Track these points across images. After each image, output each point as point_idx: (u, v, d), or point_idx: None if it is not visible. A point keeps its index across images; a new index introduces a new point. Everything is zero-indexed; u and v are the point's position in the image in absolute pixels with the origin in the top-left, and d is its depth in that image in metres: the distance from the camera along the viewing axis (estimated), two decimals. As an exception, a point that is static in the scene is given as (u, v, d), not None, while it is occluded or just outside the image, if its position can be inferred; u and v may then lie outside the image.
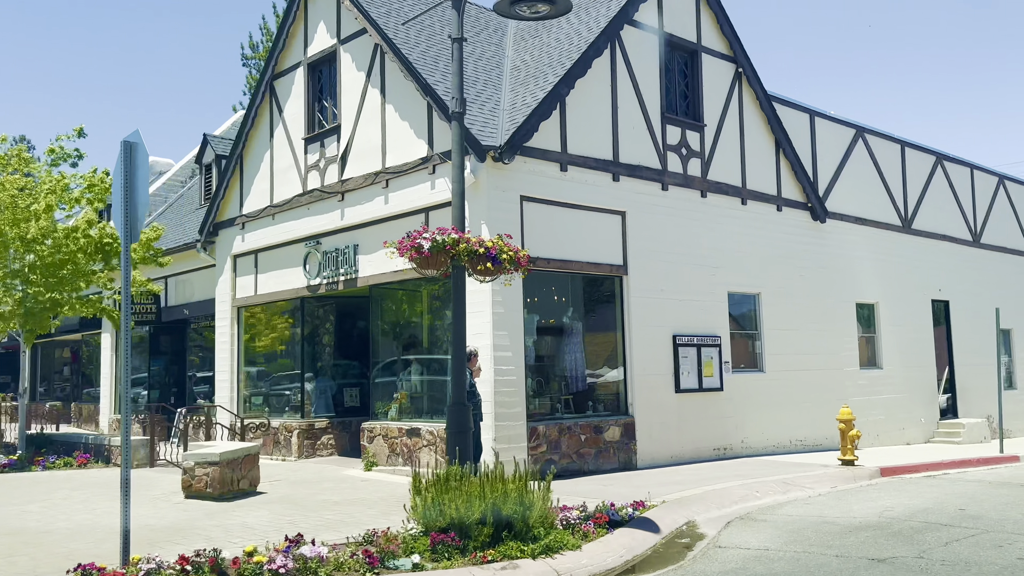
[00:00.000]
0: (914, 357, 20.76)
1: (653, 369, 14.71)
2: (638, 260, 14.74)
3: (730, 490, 11.50)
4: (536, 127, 13.18)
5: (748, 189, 16.99)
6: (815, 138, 18.80)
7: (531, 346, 13.74)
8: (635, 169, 14.85)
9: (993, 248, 24.38)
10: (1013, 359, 24.78)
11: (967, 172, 23.78)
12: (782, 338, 17.28)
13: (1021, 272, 25.46)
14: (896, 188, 21.04)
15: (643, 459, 14.33)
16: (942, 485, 12.54)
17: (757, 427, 16.43)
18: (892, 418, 19.74)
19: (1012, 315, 24.62)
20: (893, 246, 20.63)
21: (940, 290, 21.99)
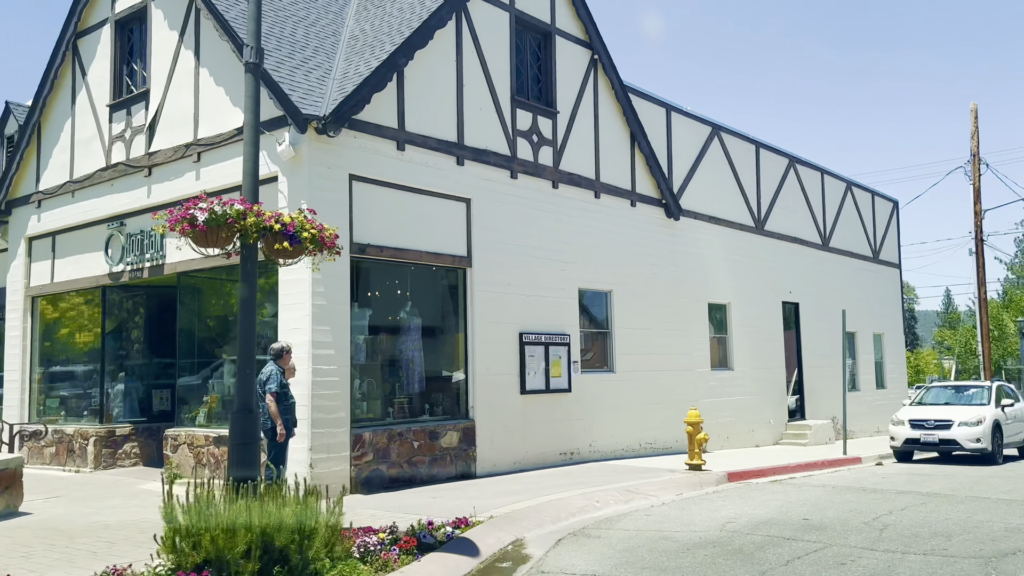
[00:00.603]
0: (765, 358, 20.73)
1: (497, 369, 13.66)
2: (484, 252, 13.65)
3: (569, 501, 10.56)
4: (368, 99, 11.84)
5: (602, 182, 16.26)
6: (671, 134, 18.35)
7: (362, 344, 12.37)
8: (482, 154, 13.76)
9: (841, 252, 24.90)
10: (857, 362, 25.41)
11: (818, 176, 24.17)
12: (634, 337, 16.65)
13: (865, 277, 26.20)
14: (750, 189, 20.98)
15: (483, 466, 13.23)
16: (787, 491, 12.07)
17: (607, 430, 15.69)
18: (742, 420, 19.57)
19: (856, 319, 25.25)
20: (746, 247, 20.53)
21: (791, 292, 22.13)
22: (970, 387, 18.58)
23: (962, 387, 18.79)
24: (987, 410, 17.02)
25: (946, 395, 18.60)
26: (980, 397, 17.86)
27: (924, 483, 13.13)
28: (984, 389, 18.13)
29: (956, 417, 16.77)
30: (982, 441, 16.44)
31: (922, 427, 17.03)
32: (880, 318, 26.93)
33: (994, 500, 11.01)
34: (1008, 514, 9.71)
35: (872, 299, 26.47)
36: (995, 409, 17.23)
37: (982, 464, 16.54)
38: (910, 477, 14.12)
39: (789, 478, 14.04)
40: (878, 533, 8.50)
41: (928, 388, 19.28)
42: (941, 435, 16.71)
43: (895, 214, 28.80)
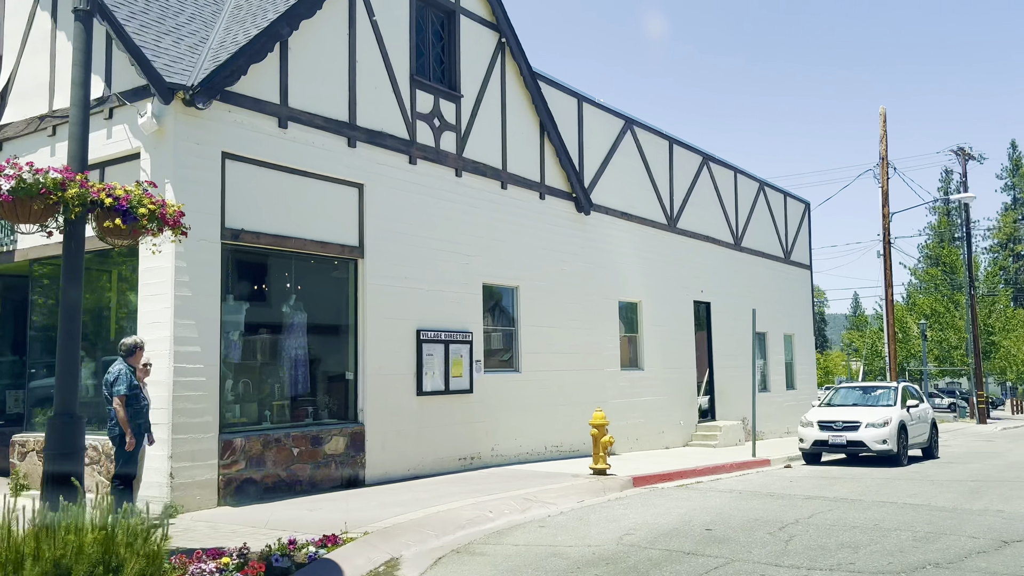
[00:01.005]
0: (676, 358, 20.33)
1: (392, 369, 12.69)
2: (378, 242, 12.67)
3: (459, 511, 9.70)
4: (244, 69, 10.73)
5: (509, 172, 15.47)
6: (582, 125, 17.70)
7: (237, 341, 11.25)
8: (376, 136, 12.78)
9: (753, 252, 24.79)
10: (768, 362, 25.36)
11: (731, 175, 23.97)
12: (541, 336, 15.91)
13: (777, 277, 26.19)
14: (663, 185, 20.54)
15: (373, 474, 12.25)
16: (692, 498, 11.49)
17: (510, 433, 14.90)
18: (652, 421, 19.09)
19: (768, 319, 25.18)
20: (658, 244, 20.09)
21: (702, 291, 21.82)
22: (877, 388, 18.53)
23: (870, 388, 18.74)
24: (893, 411, 16.93)
25: (854, 396, 18.50)
26: (887, 398, 17.80)
27: (832, 487, 12.77)
28: (891, 390, 18.09)
29: (863, 419, 16.61)
30: (888, 443, 16.31)
31: (830, 429, 16.82)
32: (791, 319, 27.00)
33: (900, 505, 10.65)
34: (915, 521, 9.30)
35: (783, 300, 26.50)
36: (901, 410, 17.16)
37: (888, 465, 16.41)
38: (818, 481, 13.78)
39: (696, 482, 13.51)
40: (783, 545, 7.92)
41: (836, 389, 19.18)
42: (849, 437, 16.52)
43: (806, 215, 28.98)
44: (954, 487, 12.76)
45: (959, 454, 20.03)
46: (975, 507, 10.46)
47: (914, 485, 13.07)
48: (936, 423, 19.24)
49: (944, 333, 51.61)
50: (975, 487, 12.76)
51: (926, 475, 14.72)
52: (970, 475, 14.73)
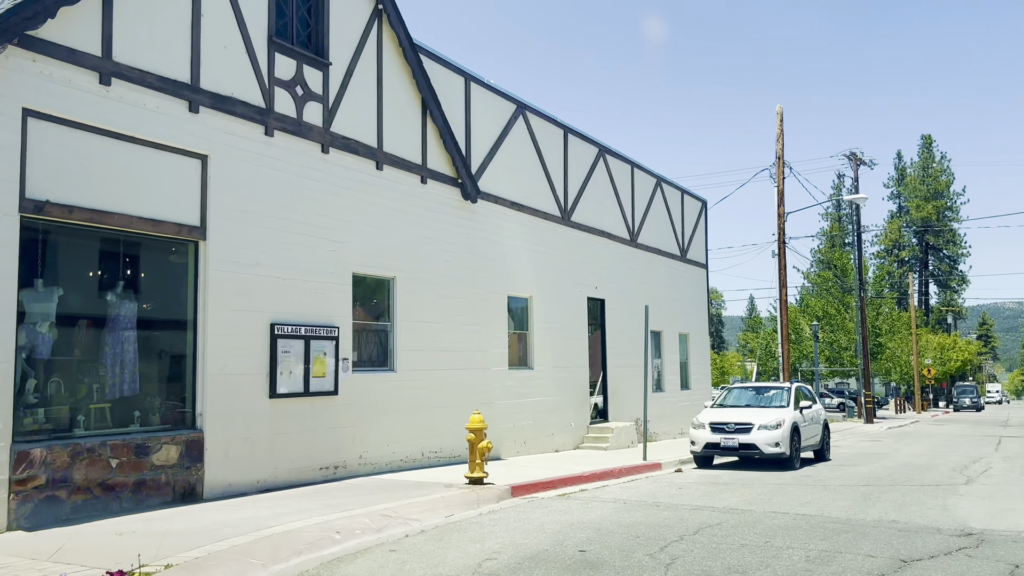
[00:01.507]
0: (568, 357, 19.38)
1: (239, 367, 11.16)
2: (225, 222, 11.12)
3: (299, 533, 8.32)
4: (53, 11, 9.04)
5: (386, 152, 14.11)
6: (470, 107, 16.49)
7: (46, 333, 9.52)
8: (225, 101, 11.22)
9: (649, 249, 24.15)
10: (662, 361, 24.79)
11: (628, 169, 23.25)
12: (421, 332, 14.62)
13: (673, 275, 25.67)
14: (557, 176, 19.56)
15: (214, 487, 10.71)
16: (572, 510, 10.43)
17: (383, 438, 13.56)
18: (541, 423, 18.06)
19: (663, 318, 24.62)
20: (551, 237, 19.09)
21: (597, 288, 20.97)
22: (770, 388, 18.03)
23: (763, 388, 18.23)
24: (786, 413, 16.40)
25: (747, 396, 17.94)
26: (780, 399, 17.29)
27: (722, 495, 11.96)
28: (783, 391, 17.59)
29: (756, 420, 16.00)
30: (781, 445, 15.74)
31: (722, 431, 16.14)
32: (687, 318, 26.56)
33: (793, 517, 9.86)
34: (809, 537, 8.46)
35: (679, 298, 26.02)
36: (794, 412, 16.66)
37: (781, 469, 15.86)
38: (708, 488, 12.97)
39: (580, 490, 12.49)
40: (663, 571, 6.89)
41: (729, 390, 18.61)
42: (741, 439, 15.88)
43: (703, 214, 28.65)
44: (847, 493, 12.15)
45: (849, 455, 19.81)
46: (869, 517, 9.76)
47: (807, 491, 12.41)
48: (828, 424, 18.93)
49: (835, 335, 52.92)
50: (867, 492, 12.18)
51: (819, 479, 14.16)
52: (862, 478, 14.25)
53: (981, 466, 16.89)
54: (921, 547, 7.92)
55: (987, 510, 10.41)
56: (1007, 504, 10.98)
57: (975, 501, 11.27)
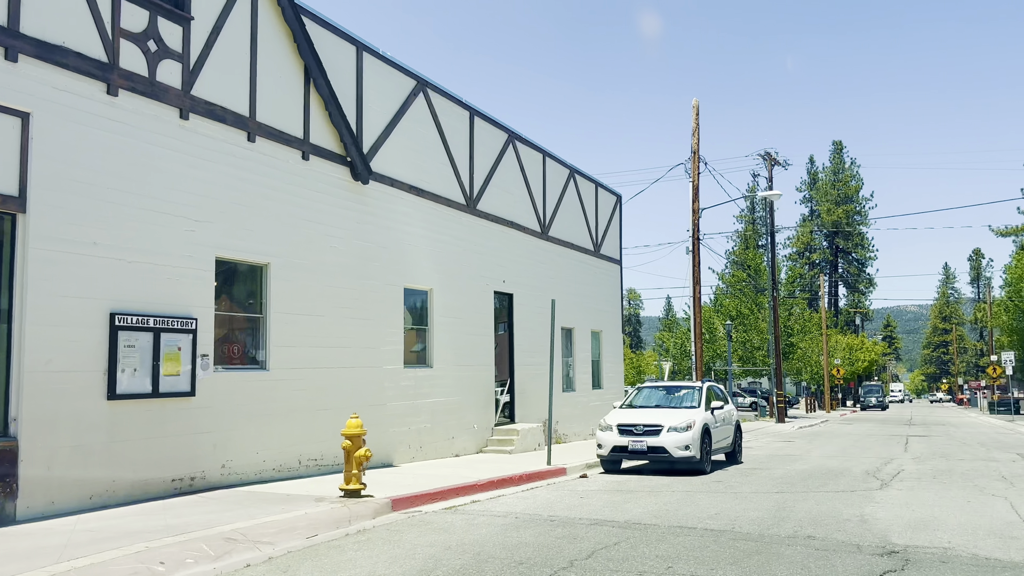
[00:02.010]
0: (472, 354, 18.11)
1: (68, 363, 9.50)
2: (52, 193, 9.43)
3: (109, 566, 6.80)
4: None
5: (260, 122, 12.56)
6: (362, 79, 15.04)
7: None
8: (54, 51, 9.53)
9: (561, 243, 23.10)
10: (574, 360, 23.79)
11: (540, 158, 22.13)
12: (300, 325, 13.12)
13: (586, 271, 24.71)
14: (462, 161, 18.27)
15: (34, 506, 9.02)
16: (455, 527, 9.15)
17: (251, 445, 12.01)
18: (440, 426, 16.75)
19: (575, 314, 23.62)
20: (455, 226, 17.79)
21: (504, 282, 19.77)
22: (681, 388, 17.14)
23: (674, 388, 17.33)
24: (697, 413, 15.51)
25: (657, 396, 17.01)
26: (691, 399, 16.41)
27: (626, 505, 10.88)
28: (695, 390, 16.72)
29: (666, 422, 15.06)
30: (691, 448, 14.82)
31: (630, 433, 15.14)
32: (599, 315, 25.65)
33: (701, 532, 8.81)
34: (716, 561, 7.39)
35: (592, 294, 25.08)
36: (705, 412, 15.79)
37: (691, 473, 14.96)
38: (612, 496, 11.89)
39: (471, 501, 11.23)
40: (541, 612, 5.67)
41: (640, 389, 17.65)
42: (650, 442, 14.91)
43: (618, 208, 27.81)
44: (759, 502, 11.24)
45: (762, 457, 19.15)
46: (783, 532, 8.80)
47: (717, 500, 11.45)
48: (740, 425, 18.20)
49: (748, 334, 53.26)
50: (781, 501, 11.30)
51: (730, 485, 13.27)
52: (775, 483, 13.43)
53: (893, 468, 16.39)
54: (842, 571, 6.94)
55: (907, 521, 9.60)
56: (926, 513, 10.22)
57: (893, 510, 10.49)
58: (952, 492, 12.44)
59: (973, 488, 12.94)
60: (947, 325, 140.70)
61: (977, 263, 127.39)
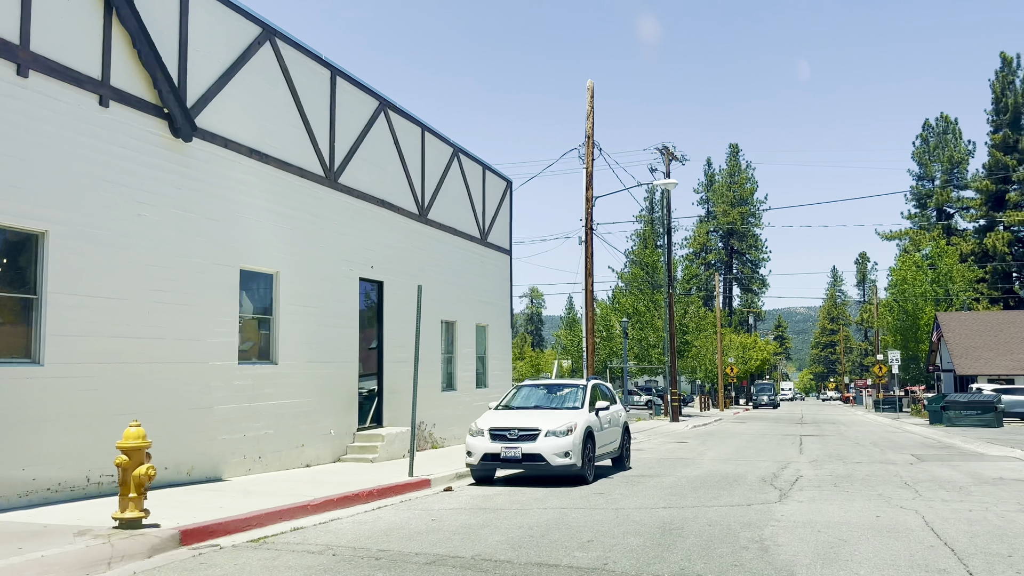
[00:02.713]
0: (331, 349, 15.82)
1: None
2: None
3: None
4: None
5: (35, 53, 9.98)
6: (187, 17, 12.51)
7: None
8: None
9: (442, 227, 21.02)
10: (456, 355, 21.76)
11: (418, 132, 19.98)
12: (93, 310, 10.59)
13: (470, 260, 22.72)
14: (320, 127, 15.94)
15: None
16: (250, 570, 6.94)
17: (14, 460, 9.44)
18: (287, 432, 14.40)
19: (457, 306, 21.61)
20: (311, 201, 15.46)
21: (373, 268, 17.54)
22: (564, 387, 15.31)
23: (555, 387, 15.47)
24: (579, 415, 13.72)
25: (537, 396, 15.13)
26: (574, 399, 14.61)
27: (483, 531, 8.88)
28: (578, 389, 14.93)
29: (544, 425, 13.19)
30: (571, 455, 13.00)
31: (504, 439, 13.20)
32: (486, 307, 23.71)
33: (564, 570, 6.89)
34: (575, 620, 5.46)
35: (477, 285, 23.12)
36: (589, 414, 14.02)
37: (572, 484, 13.15)
38: (471, 517, 9.89)
39: (293, 529, 9.01)
40: None
41: (518, 388, 15.73)
42: (525, 448, 13.00)
43: (508, 194, 25.94)
44: (643, 522, 9.46)
45: (652, 461, 17.59)
46: (667, 571, 6.97)
47: (595, 519, 9.61)
48: (628, 427, 16.54)
49: (644, 332, 52.49)
50: (668, 521, 9.56)
51: (613, 498, 11.48)
52: (663, 496, 11.73)
53: (791, 474, 15.04)
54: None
55: (814, 547, 7.95)
56: (833, 536, 8.64)
57: (796, 531, 8.87)
58: (857, 504, 11.02)
59: (879, 499, 11.58)
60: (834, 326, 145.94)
61: (863, 266, 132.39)
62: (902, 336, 62.57)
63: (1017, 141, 74.34)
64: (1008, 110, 74.81)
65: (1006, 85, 75.65)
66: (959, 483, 13.66)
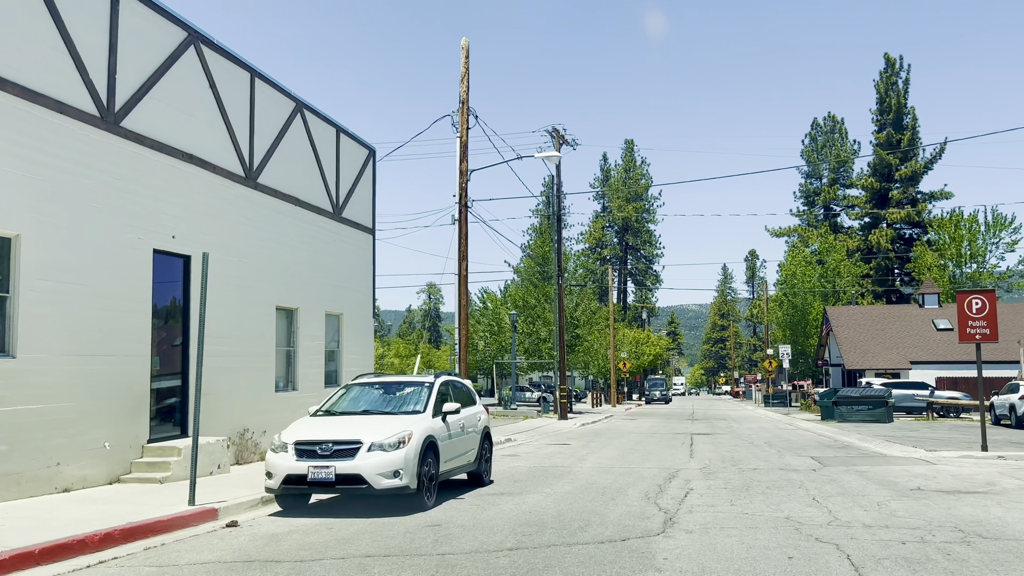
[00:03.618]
0: (106, 340, 12.29)
1: None
2: None
3: None
4: None
5: None
6: None
7: None
8: None
9: (280, 195, 17.63)
10: (297, 349, 18.41)
11: (245, 78, 16.51)
12: None
13: (319, 236, 19.39)
14: (92, 47, 12.33)
15: None
16: None
17: None
18: (33, 448, 10.82)
19: (300, 290, 18.28)
20: (77, 146, 11.88)
21: (175, 237, 14.04)
22: (405, 385, 12.22)
23: (394, 386, 12.35)
24: (418, 422, 10.73)
25: (370, 398, 12.02)
26: (415, 400, 11.59)
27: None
28: (422, 388, 11.90)
29: (368, 436, 10.12)
30: (403, 475, 9.98)
31: (313, 455, 10.05)
32: (341, 293, 20.44)
33: None
34: None
35: (329, 267, 19.83)
36: (433, 420, 11.05)
37: (403, 510, 10.14)
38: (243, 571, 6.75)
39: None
40: None
41: (348, 388, 12.54)
42: (341, 468, 9.90)
43: (371, 166, 22.68)
44: (482, 567, 6.55)
45: (522, 472, 14.79)
46: None
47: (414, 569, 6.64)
48: (490, 433, 13.62)
49: (535, 326, 50.00)
50: (515, 564, 6.67)
51: (446, 537, 8.53)
52: (514, 530, 8.87)
53: (679, 487, 12.50)
54: None
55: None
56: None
57: (683, 592, 6.13)
58: (762, 536, 8.45)
59: (788, 526, 9.05)
60: (725, 322, 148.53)
61: (753, 263, 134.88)
62: (791, 331, 62.51)
63: (900, 140, 76.02)
64: (892, 110, 76.38)
65: (890, 85, 77.26)
66: (875, 497, 11.39)
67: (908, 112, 76.25)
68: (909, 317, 50.59)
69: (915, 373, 44.80)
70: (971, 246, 62.57)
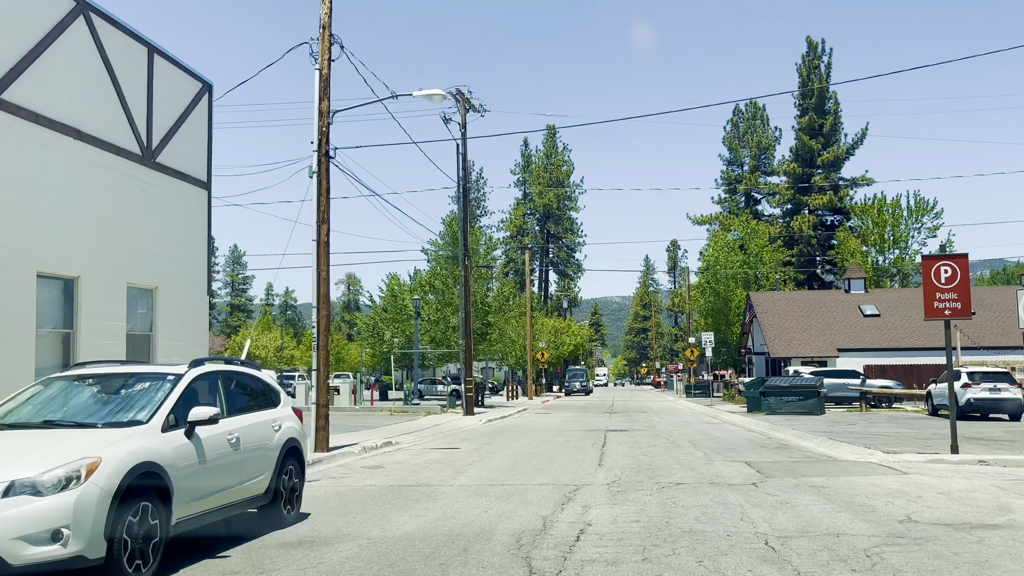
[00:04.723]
0: None
1: None
2: None
3: None
4: None
5: None
6: None
7: None
8: None
9: (50, 124, 12.94)
10: (78, 333, 13.76)
11: (144, 54, 11.79)
12: None
13: (123, 186, 14.74)
14: None
15: None
16: None
17: None
18: None
19: (87, 255, 13.68)
20: None
21: None
22: (136, 379, 7.71)
23: (119, 380, 7.84)
24: (124, 440, 6.40)
25: (77, 399, 7.47)
26: (144, 402, 7.22)
27: None
28: (161, 383, 7.49)
29: (13, 471, 5.74)
30: (70, 537, 5.64)
31: (-102, 506, 5.61)
32: (157, 261, 15.84)
33: None
34: None
35: (138, 228, 15.23)
36: (159, 436, 6.75)
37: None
38: None
39: None
40: None
41: (48, 383, 8.00)
42: (-48, 527, 5.49)
43: (205, 104, 18.04)
44: None
45: (368, 493, 10.54)
46: None
47: None
48: (299, 448, 9.28)
49: (444, 312, 45.69)
50: None
51: None
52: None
53: (572, 522, 8.49)
54: None
55: None
56: None
57: None
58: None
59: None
60: (647, 312, 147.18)
61: (674, 253, 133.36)
62: (714, 319, 59.88)
63: (822, 125, 74.47)
64: (814, 94, 74.75)
65: (812, 70, 75.62)
66: (855, 538, 7.61)
67: (831, 97, 74.78)
68: (835, 303, 48.29)
69: (843, 361, 42.33)
70: (894, 231, 61.12)
